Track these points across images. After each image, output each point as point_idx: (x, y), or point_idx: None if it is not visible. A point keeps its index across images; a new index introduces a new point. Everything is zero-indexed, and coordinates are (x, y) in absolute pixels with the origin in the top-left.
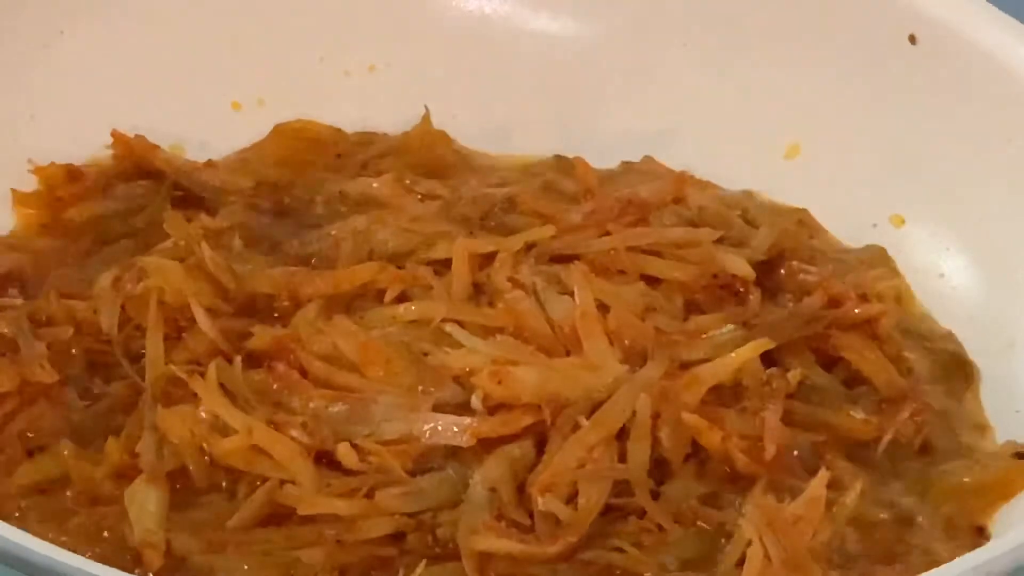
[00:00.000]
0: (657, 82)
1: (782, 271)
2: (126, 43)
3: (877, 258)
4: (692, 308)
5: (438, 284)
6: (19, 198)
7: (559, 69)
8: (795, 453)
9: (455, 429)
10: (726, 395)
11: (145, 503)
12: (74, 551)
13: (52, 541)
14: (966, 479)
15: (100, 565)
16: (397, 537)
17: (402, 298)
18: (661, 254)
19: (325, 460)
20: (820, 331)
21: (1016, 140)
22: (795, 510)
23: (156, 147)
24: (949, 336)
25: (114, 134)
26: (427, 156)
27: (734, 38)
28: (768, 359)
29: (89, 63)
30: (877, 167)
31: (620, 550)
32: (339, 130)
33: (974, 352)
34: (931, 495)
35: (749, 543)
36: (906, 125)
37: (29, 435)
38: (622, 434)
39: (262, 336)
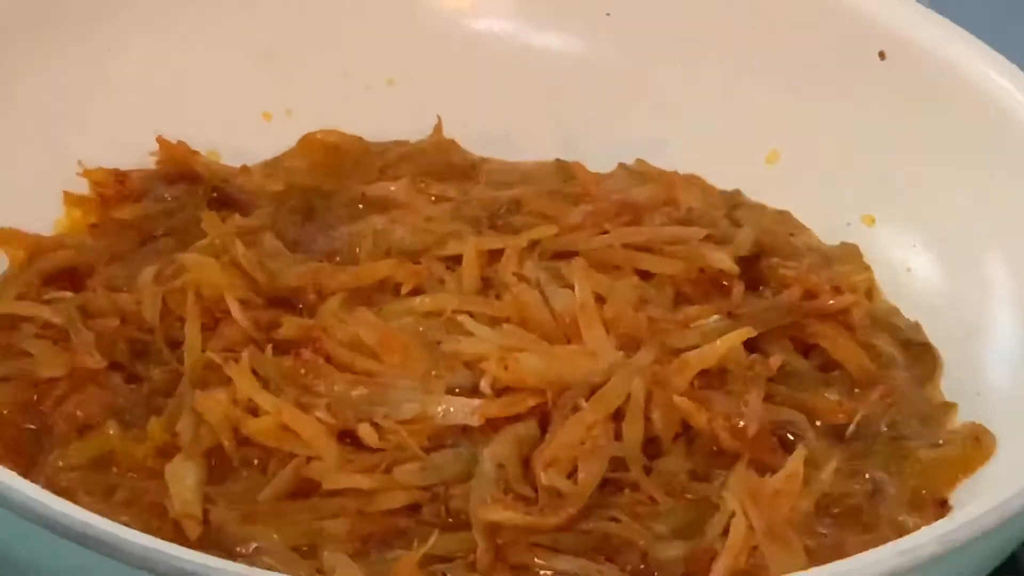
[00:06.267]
0: (650, 94)
1: (763, 266)
2: (168, 59)
3: (850, 254)
4: (681, 300)
5: (450, 278)
6: (70, 199)
7: (561, 82)
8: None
9: (466, 410)
10: (712, 379)
11: (184, 478)
12: (119, 522)
13: (99, 513)
14: (930, 456)
15: (144, 535)
16: (413, 509)
17: (417, 291)
18: (653, 251)
19: (348, 439)
20: (798, 320)
21: (976, 147)
22: (775, 484)
23: (196, 153)
24: (915, 325)
25: (159, 140)
26: (440, 162)
27: (720, 55)
28: (750, 346)
29: (134, 77)
30: (850, 171)
31: (616, 520)
32: (360, 138)
33: (938, 340)
34: (898, 471)
35: (733, 514)
36: (876, 133)
37: (78, 416)
38: (618, 415)
39: (290, 326)
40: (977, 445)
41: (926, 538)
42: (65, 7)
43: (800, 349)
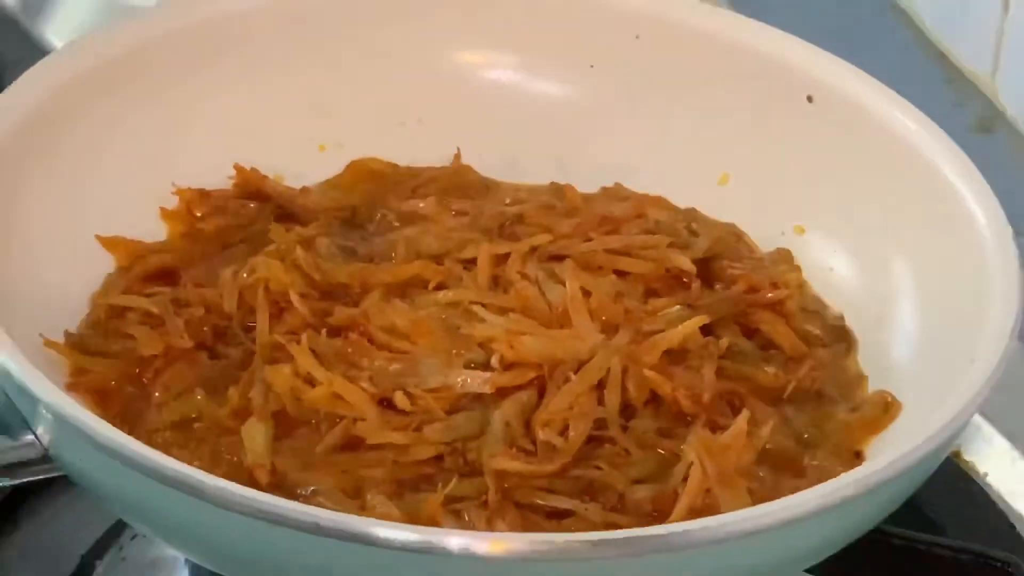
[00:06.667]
0: (625, 130)
1: (715, 266)
2: (244, 104)
3: (784, 257)
4: (651, 294)
5: (467, 277)
6: (165, 214)
7: (555, 121)
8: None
9: (479, 381)
10: (675, 357)
11: (256, 435)
12: (204, 470)
13: (187, 463)
14: (848, 417)
15: (224, 480)
16: (438, 459)
17: (441, 287)
18: (628, 254)
19: (385, 404)
20: (743, 310)
21: (885, 173)
22: (725, 440)
23: (265, 177)
24: (837, 314)
25: (236, 167)
26: (459, 184)
27: (681, 99)
28: (705, 331)
29: (217, 118)
30: (784, 192)
31: (599, 468)
32: (396, 165)
33: (854, 325)
34: (823, 429)
35: (691, 464)
36: (806, 161)
37: (172, 386)
38: (600, 385)
39: (340, 314)
40: (885, 409)
41: (845, 482)
42: (164, 63)
43: (745, 333)
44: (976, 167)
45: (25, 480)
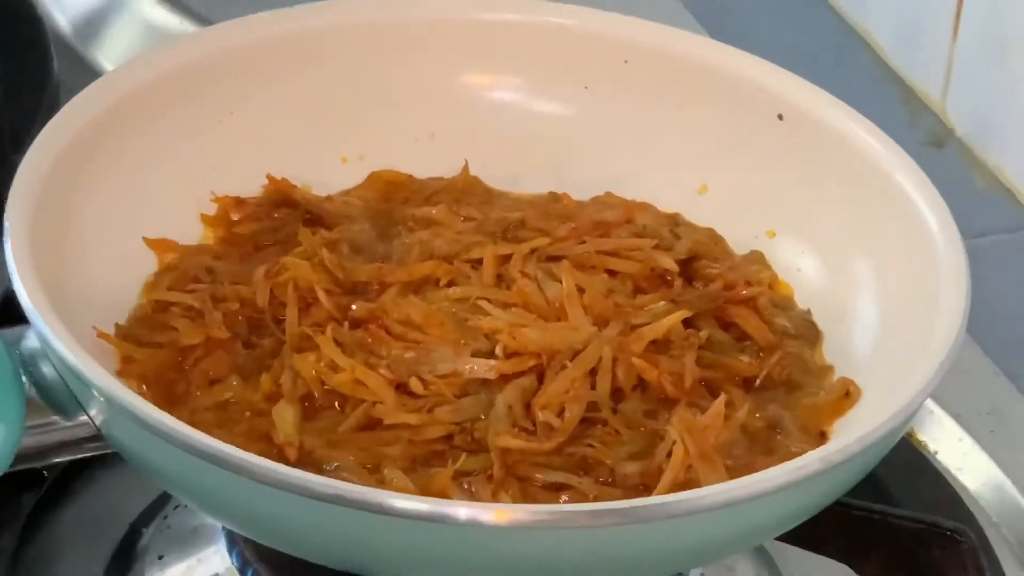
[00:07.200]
0: (615, 145)
1: (696, 266)
2: (274, 118)
3: (757, 258)
4: (638, 291)
5: (474, 275)
6: (205, 219)
7: (553, 136)
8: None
9: (485, 368)
10: (660, 346)
11: (286, 417)
12: (239, 447)
13: (225, 441)
14: (814, 401)
15: (258, 456)
16: (448, 438)
17: (451, 284)
18: (618, 255)
19: (401, 388)
20: (720, 305)
21: (847, 182)
22: (704, 421)
23: (295, 186)
24: (804, 309)
25: (268, 177)
26: (467, 192)
27: (665, 116)
28: (686, 323)
29: (251, 131)
30: (758, 200)
31: (591, 446)
32: (411, 176)
33: (819, 320)
34: (792, 411)
35: (675, 442)
36: (776, 172)
37: (210, 372)
38: (593, 371)
39: (361, 308)
40: (847, 394)
41: (811, 459)
42: (201, 84)
43: (722, 326)
44: (929, 178)
45: (79, 456)
